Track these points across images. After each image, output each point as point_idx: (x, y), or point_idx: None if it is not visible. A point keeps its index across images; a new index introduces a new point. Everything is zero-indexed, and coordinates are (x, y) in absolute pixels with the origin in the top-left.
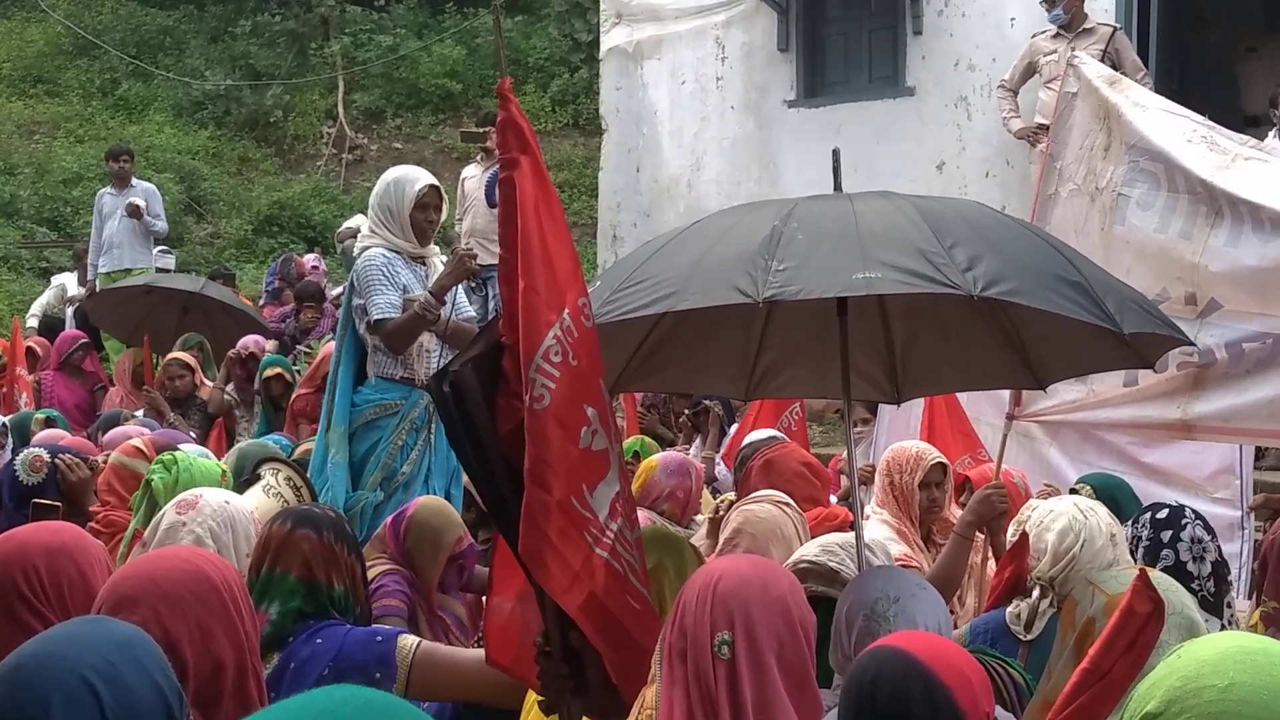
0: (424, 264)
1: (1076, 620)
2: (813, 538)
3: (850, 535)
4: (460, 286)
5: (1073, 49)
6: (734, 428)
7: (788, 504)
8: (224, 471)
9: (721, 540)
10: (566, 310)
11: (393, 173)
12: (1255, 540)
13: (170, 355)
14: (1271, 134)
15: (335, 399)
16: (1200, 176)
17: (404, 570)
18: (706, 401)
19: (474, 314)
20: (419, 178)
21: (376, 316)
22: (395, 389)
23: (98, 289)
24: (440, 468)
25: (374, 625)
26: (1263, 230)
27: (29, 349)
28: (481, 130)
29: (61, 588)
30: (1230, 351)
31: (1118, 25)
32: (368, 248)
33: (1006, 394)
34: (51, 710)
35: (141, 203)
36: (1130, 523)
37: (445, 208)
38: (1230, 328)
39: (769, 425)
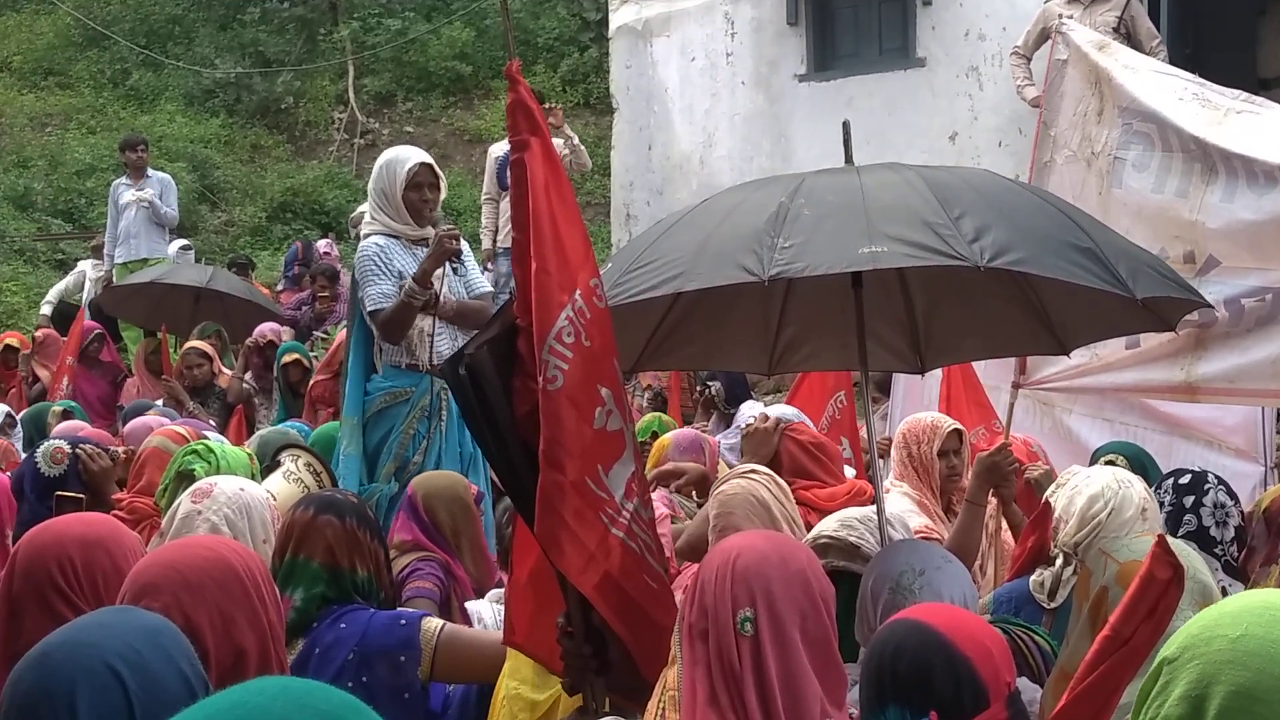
0: (425, 244)
1: (1090, 589)
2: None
3: (868, 509)
4: (472, 263)
5: (1088, 15)
6: (750, 405)
7: (755, 471)
8: (251, 458)
9: (711, 533)
10: (579, 291)
11: (386, 155)
12: None
13: (188, 344)
14: None
15: (348, 390)
16: (1193, 134)
17: (437, 556)
18: (709, 383)
19: (489, 288)
20: (410, 157)
21: (370, 308)
22: (404, 376)
23: (114, 280)
24: (452, 454)
25: (399, 609)
26: (1257, 184)
27: (6, 345)
28: (548, 107)
29: (96, 579)
30: (1230, 309)
31: None
32: (367, 236)
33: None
34: (77, 697)
35: (150, 194)
36: (1153, 488)
37: (443, 187)
38: (1229, 284)
39: (813, 416)
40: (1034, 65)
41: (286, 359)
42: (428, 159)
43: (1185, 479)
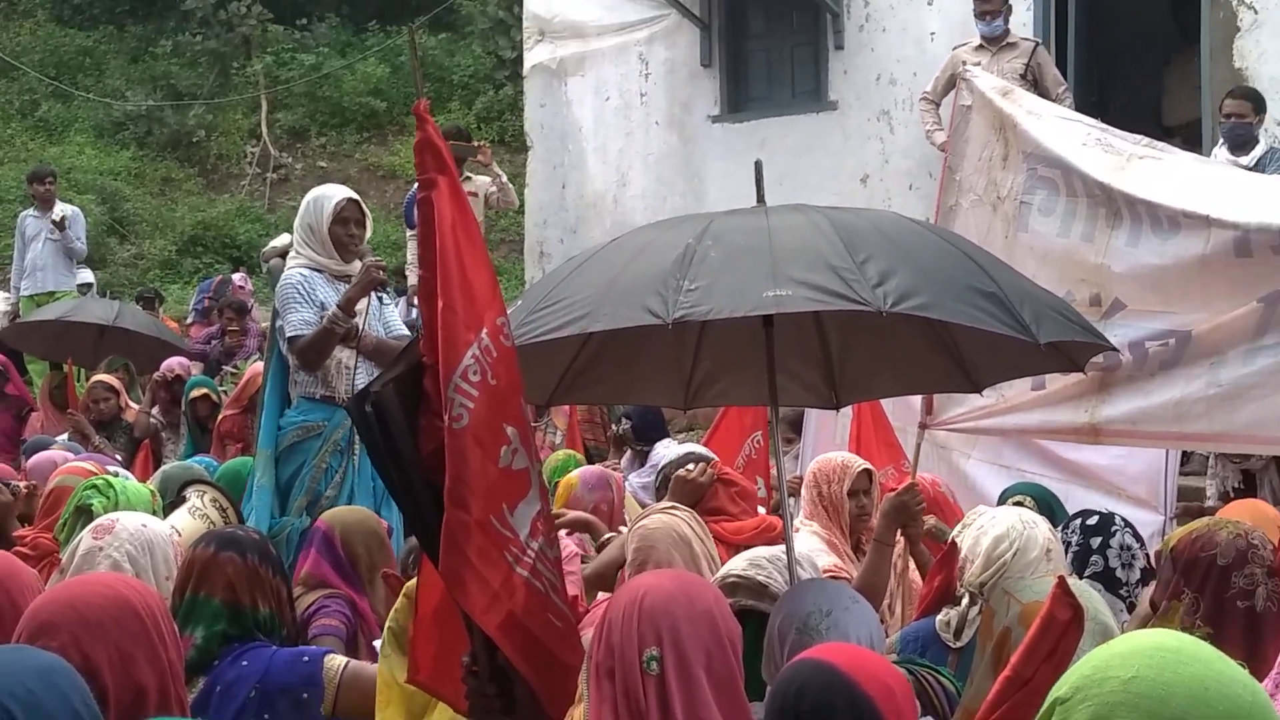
0: (349, 281)
1: (994, 629)
2: (750, 548)
3: (776, 549)
4: (376, 300)
5: (995, 62)
6: (665, 444)
7: (675, 507)
8: (153, 494)
9: (629, 566)
10: (485, 330)
11: (314, 191)
12: None
13: (94, 378)
14: (1218, 146)
15: (263, 421)
16: (1098, 179)
17: (343, 594)
18: (620, 422)
19: (406, 332)
20: (337, 193)
21: (290, 334)
22: (318, 409)
23: (20, 313)
24: (365, 489)
25: (302, 646)
26: (1161, 229)
27: None
28: (476, 144)
29: None
30: (1135, 353)
31: (1038, 40)
32: (289, 268)
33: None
34: None
35: (63, 216)
36: (1060, 528)
37: (369, 224)
38: (1134, 327)
39: (730, 454)
40: (943, 111)
41: (195, 394)
42: (355, 196)
43: (1093, 520)
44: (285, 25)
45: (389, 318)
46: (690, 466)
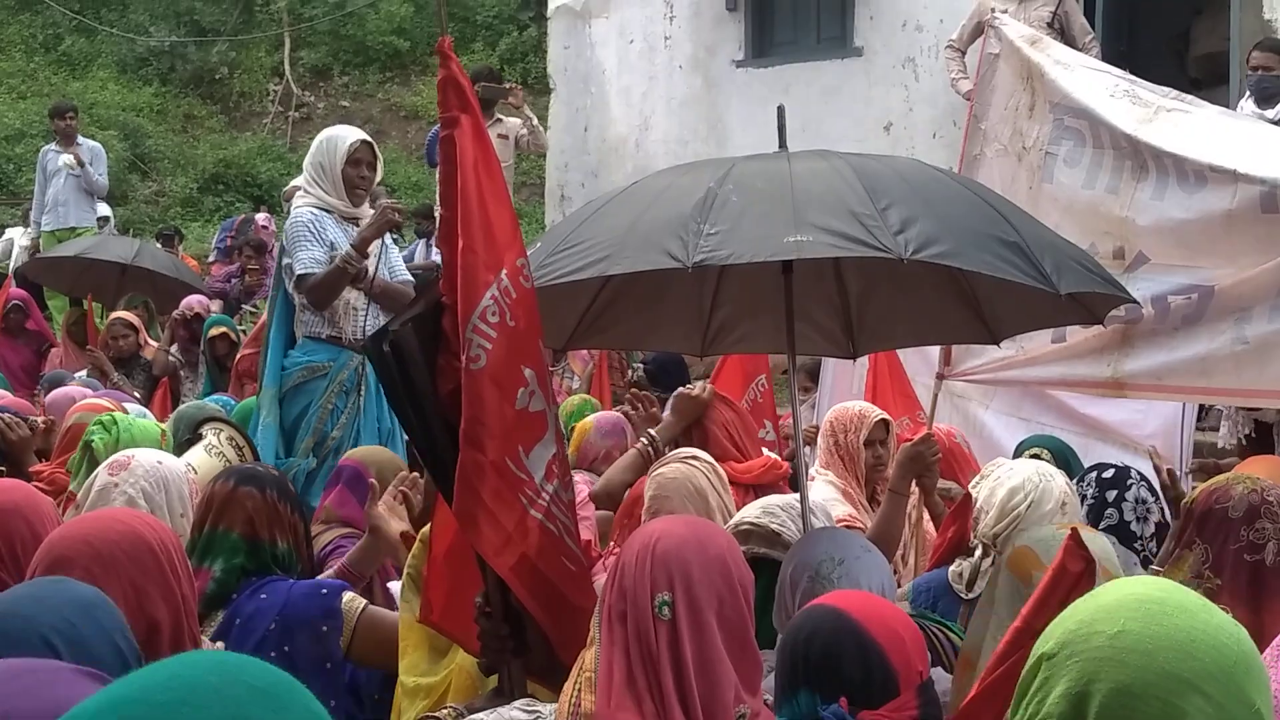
0: (357, 224)
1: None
2: (760, 487)
3: (790, 496)
4: (390, 244)
5: (1022, 10)
6: None
7: (696, 457)
8: (163, 432)
9: (645, 514)
10: (505, 271)
11: (327, 131)
12: None
13: (114, 315)
14: (1245, 99)
15: (268, 361)
16: (1125, 131)
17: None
18: (640, 364)
19: (409, 277)
20: (351, 134)
21: (299, 271)
22: (323, 349)
23: (41, 248)
24: (370, 429)
25: (318, 578)
26: (1187, 183)
27: None
28: (507, 86)
29: (15, 547)
30: (1157, 306)
31: None
32: (298, 207)
33: (937, 353)
34: None
35: (78, 156)
36: (1076, 481)
37: (380, 167)
38: (1156, 280)
39: (735, 397)
40: (969, 59)
41: (213, 332)
42: (368, 138)
43: (1109, 473)
44: None
45: (394, 262)
46: (694, 384)
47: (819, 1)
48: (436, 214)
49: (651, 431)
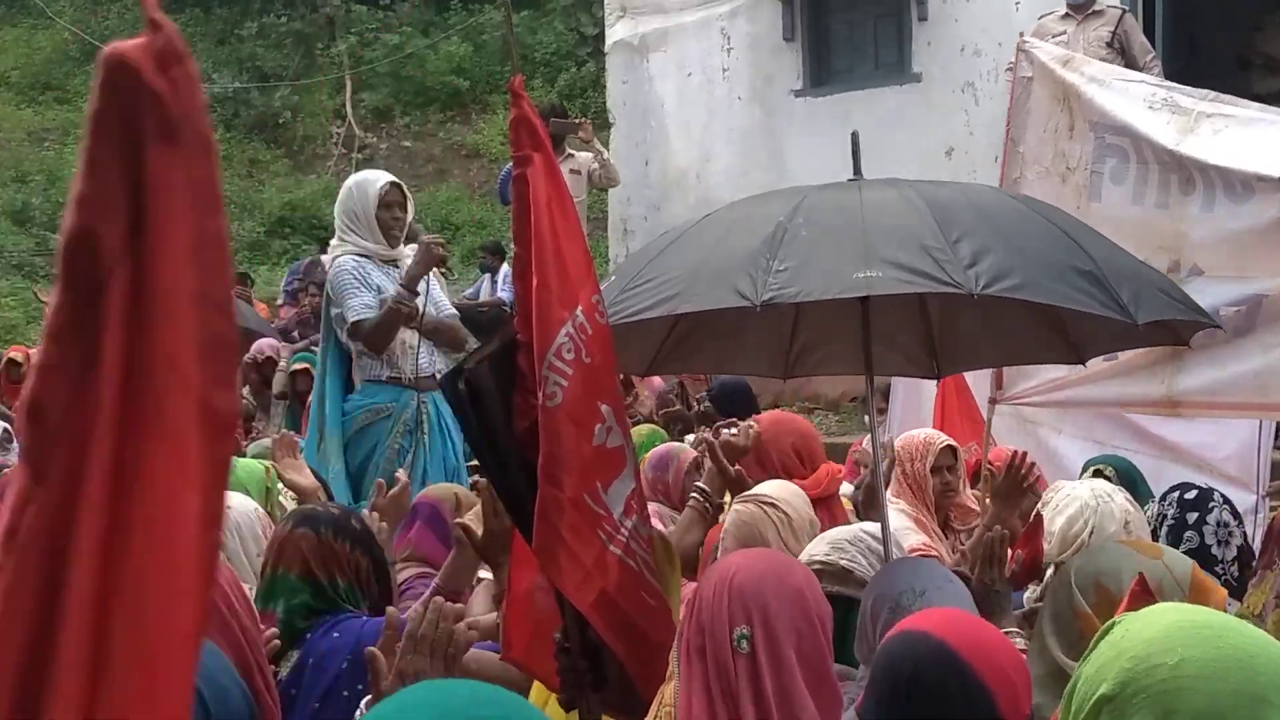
0: (396, 266)
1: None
2: (828, 497)
3: (855, 528)
4: (437, 284)
5: (1081, 30)
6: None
7: (774, 503)
8: (267, 469)
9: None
10: (580, 308)
11: (354, 177)
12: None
13: None
14: None
15: (325, 410)
16: (1167, 147)
17: (433, 566)
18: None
19: (454, 311)
20: (379, 177)
21: (353, 319)
22: (384, 391)
23: None
24: (436, 467)
25: None
26: (1234, 193)
27: (10, 360)
28: (576, 120)
29: None
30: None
31: (1125, 7)
32: (338, 256)
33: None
34: None
35: None
36: (1158, 500)
37: (411, 207)
38: (1208, 292)
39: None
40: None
41: (296, 368)
42: (396, 180)
43: (1191, 494)
44: (369, 5)
45: (438, 297)
46: (732, 430)
47: (876, 29)
48: (507, 250)
49: (701, 485)
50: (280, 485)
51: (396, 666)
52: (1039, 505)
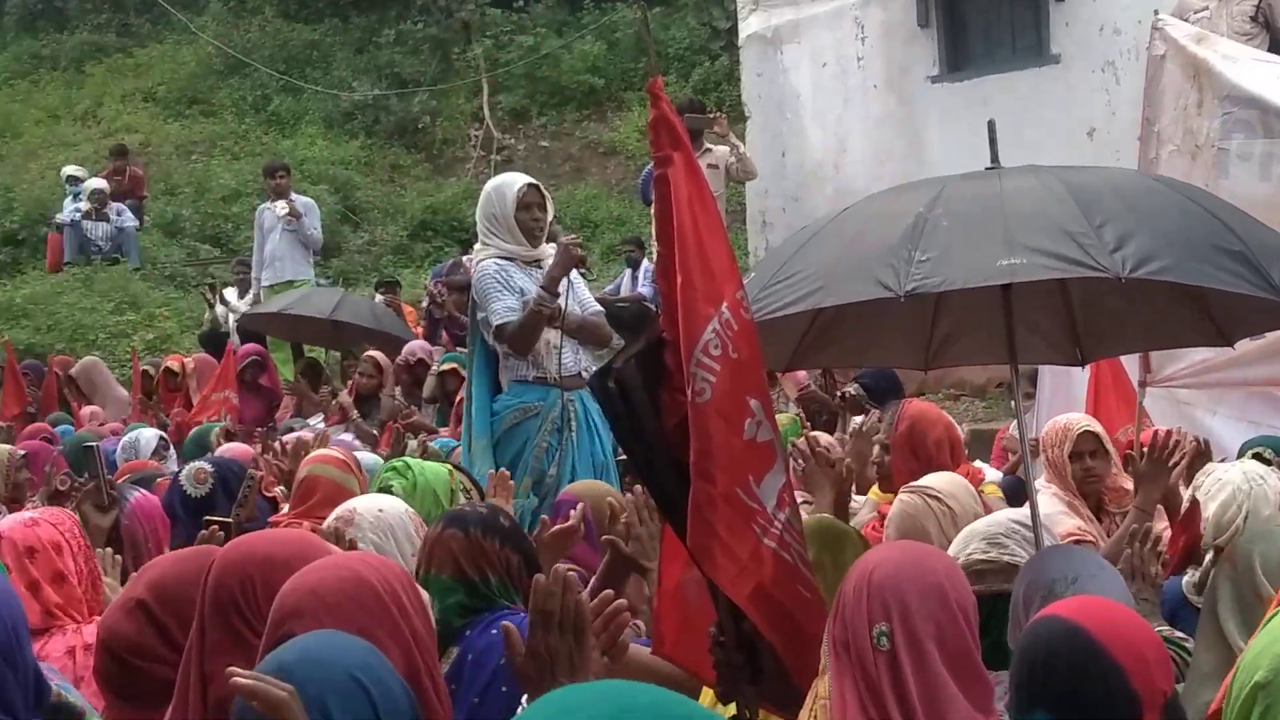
0: (539, 266)
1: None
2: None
3: (1006, 518)
4: (581, 282)
5: (1224, 6)
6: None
7: (939, 496)
8: (451, 471)
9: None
10: (725, 304)
11: (492, 181)
12: None
13: (367, 353)
14: None
15: (474, 412)
16: None
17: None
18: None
19: (599, 308)
20: (517, 180)
21: (497, 322)
22: (531, 391)
23: (262, 300)
24: (585, 464)
25: None
26: None
27: (168, 369)
28: (711, 115)
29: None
30: None
31: None
32: (481, 260)
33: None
34: (329, 706)
35: (299, 209)
36: None
37: (550, 207)
38: None
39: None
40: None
41: (445, 368)
42: (534, 181)
43: None
44: (503, 8)
45: (583, 295)
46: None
47: (1012, 12)
48: (648, 247)
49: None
50: (464, 484)
51: (528, 642)
52: (1190, 490)
